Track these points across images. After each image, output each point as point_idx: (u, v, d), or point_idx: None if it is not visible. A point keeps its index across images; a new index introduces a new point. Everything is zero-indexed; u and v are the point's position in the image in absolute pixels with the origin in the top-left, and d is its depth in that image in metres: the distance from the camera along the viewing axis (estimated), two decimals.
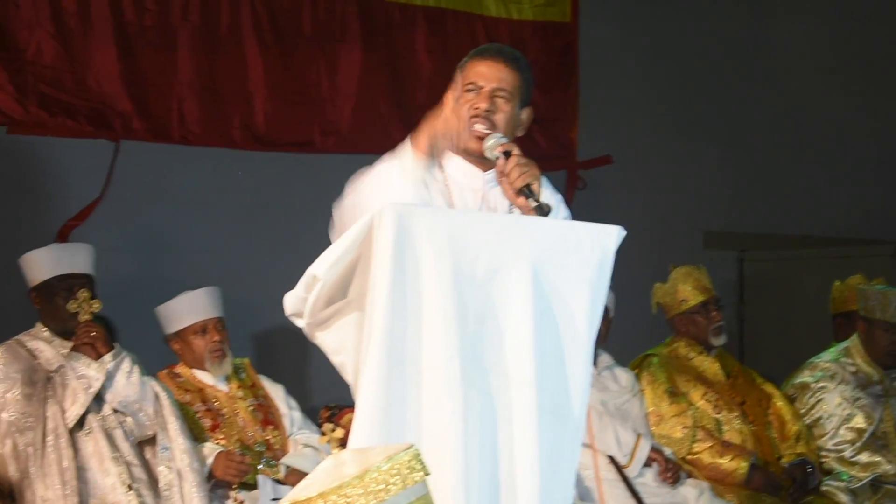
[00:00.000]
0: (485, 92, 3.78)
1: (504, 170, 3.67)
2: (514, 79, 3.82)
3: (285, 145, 7.20)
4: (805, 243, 9.11)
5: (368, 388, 3.20)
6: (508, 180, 3.65)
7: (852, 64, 9.42)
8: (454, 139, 3.78)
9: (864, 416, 6.51)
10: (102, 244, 5.80)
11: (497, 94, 3.79)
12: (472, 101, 3.79)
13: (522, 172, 3.62)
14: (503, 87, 3.79)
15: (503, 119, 3.79)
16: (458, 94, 3.82)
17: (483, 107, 3.77)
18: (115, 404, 5.19)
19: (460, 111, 3.78)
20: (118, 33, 6.70)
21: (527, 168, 3.64)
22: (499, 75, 3.80)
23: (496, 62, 3.81)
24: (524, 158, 3.67)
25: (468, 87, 3.80)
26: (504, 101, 3.80)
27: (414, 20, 7.58)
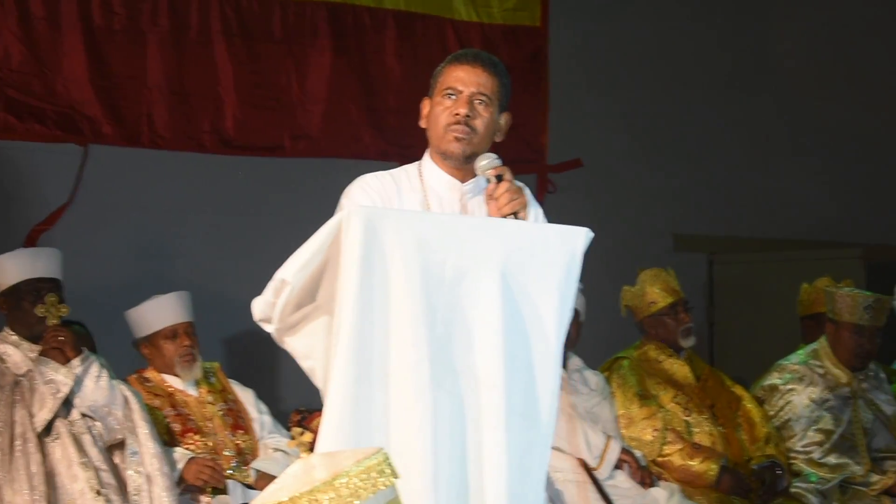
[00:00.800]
0: (464, 97, 3.76)
1: (494, 194, 3.66)
2: (493, 84, 3.80)
3: (255, 150, 7.20)
4: (774, 246, 9.15)
5: (336, 391, 3.19)
6: (497, 205, 3.64)
7: (820, 68, 9.46)
8: (436, 145, 3.78)
9: (832, 418, 6.53)
10: (71, 249, 5.79)
11: (476, 99, 3.77)
12: (450, 106, 3.77)
13: (512, 199, 3.63)
14: (482, 92, 3.77)
15: (482, 124, 3.78)
16: (437, 100, 3.81)
17: (463, 111, 3.75)
18: (84, 409, 5.16)
19: (439, 116, 3.77)
20: (87, 38, 6.68)
21: (516, 196, 3.64)
22: (477, 80, 3.78)
23: (474, 67, 3.79)
24: (515, 185, 3.68)
25: (447, 93, 3.78)
26: (483, 106, 3.78)
27: (384, 24, 7.58)
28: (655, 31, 8.85)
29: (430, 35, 7.73)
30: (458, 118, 3.75)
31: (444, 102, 3.78)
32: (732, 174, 9.16)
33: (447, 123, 3.76)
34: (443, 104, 3.78)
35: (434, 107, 3.81)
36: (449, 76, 3.81)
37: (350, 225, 3.23)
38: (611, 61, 8.67)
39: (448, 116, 3.76)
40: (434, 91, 3.84)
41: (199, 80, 7.02)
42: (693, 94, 9.00)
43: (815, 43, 9.45)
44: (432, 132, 3.82)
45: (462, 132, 3.75)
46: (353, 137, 7.45)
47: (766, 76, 9.29)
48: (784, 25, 9.36)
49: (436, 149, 3.83)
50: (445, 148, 3.78)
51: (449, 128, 3.76)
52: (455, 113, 3.75)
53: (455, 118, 3.75)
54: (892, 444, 6.67)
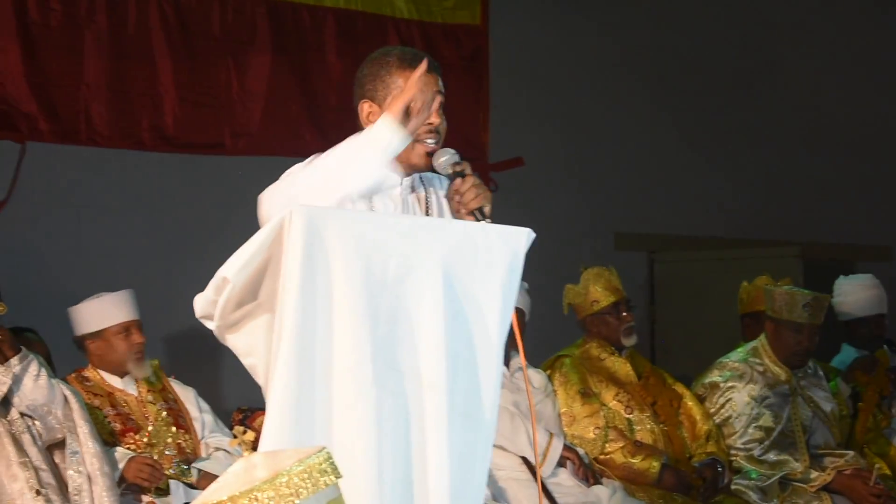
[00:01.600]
0: (435, 107, 3.71)
1: (460, 189, 3.63)
2: (443, 88, 3.77)
3: (195, 147, 7.16)
4: (713, 244, 9.22)
5: (278, 390, 3.17)
6: (462, 200, 3.62)
7: (755, 66, 9.54)
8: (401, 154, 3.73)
9: (771, 415, 6.57)
10: (9, 247, 5.73)
11: (438, 104, 3.73)
12: None
13: (478, 195, 3.61)
14: (441, 92, 3.74)
15: (444, 129, 3.78)
16: None
17: (436, 122, 3.72)
18: (23, 408, 5.10)
19: None
20: (22, 33, 6.62)
21: (481, 190, 3.62)
22: (436, 82, 3.73)
23: (431, 74, 3.71)
24: (478, 180, 3.65)
25: None
26: (442, 109, 3.77)
27: (323, 22, 7.57)
28: (594, 30, 8.90)
29: (371, 33, 7.72)
30: (430, 127, 3.72)
31: None
32: (672, 173, 9.23)
33: (420, 133, 3.68)
34: None
35: None
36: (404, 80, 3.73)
37: (292, 224, 3.20)
38: (551, 60, 8.70)
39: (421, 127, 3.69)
40: (383, 96, 3.75)
41: (137, 77, 6.98)
42: (632, 94, 9.05)
43: (745, 40, 9.53)
44: None
45: (433, 143, 3.72)
46: (294, 135, 7.43)
47: (700, 75, 9.36)
48: (711, 23, 9.43)
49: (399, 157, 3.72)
50: (416, 161, 3.73)
51: (420, 138, 3.70)
52: (430, 122, 3.71)
53: (429, 127, 3.71)
54: (830, 441, 6.73)
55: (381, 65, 3.80)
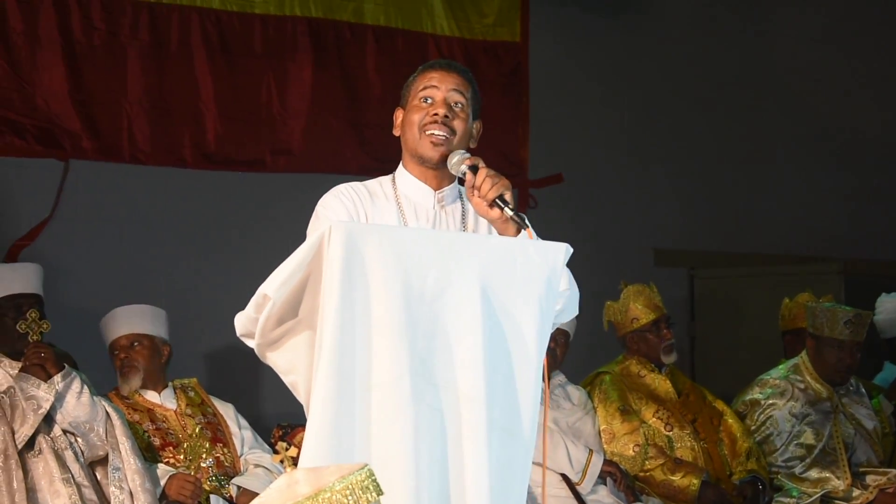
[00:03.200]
0: (440, 99, 3.76)
1: (475, 184, 3.62)
2: (467, 88, 3.80)
3: (236, 164, 7.19)
4: (754, 261, 9.18)
5: (318, 405, 3.19)
6: (480, 193, 3.60)
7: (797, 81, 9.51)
8: (411, 149, 3.78)
9: (813, 433, 6.54)
10: (52, 264, 5.77)
11: (453, 101, 3.77)
12: (426, 108, 3.76)
13: (494, 184, 3.58)
14: (460, 91, 3.77)
15: (461, 126, 3.77)
16: (412, 106, 3.79)
17: (441, 112, 3.74)
18: (66, 425, 5.14)
19: (413, 118, 3.77)
20: (67, 52, 6.67)
21: (497, 179, 3.60)
22: (454, 81, 3.78)
23: (448, 72, 3.80)
24: (492, 171, 3.63)
25: (422, 97, 3.77)
26: (461, 108, 3.78)
27: (364, 39, 7.59)
28: (636, 46, 8.88)
29: (411, 49, 7.74)
30: (435, 118, 3.74)
31: (419, 106, 3.78)
32: (713, 189, 9.20)
33: (424, 124, 3.74)
34: (419, 108, 3.78)
35: (409, 113, 3.80)
36: (422, 83, 3.80)
37: (331, 240, 3.22)
38: (591, 76, 8.70)
39: (424, 117, 3.75)
40: (407, 100, 3.84)
41: (179, 94, 7.02)
42: (674, 109, 9.03)
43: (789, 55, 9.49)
44: (408, 137, 3.81)
45: (439, 136, 3.74)
46: (334, 152, 7.45)
47: (742, 90, 9.33)
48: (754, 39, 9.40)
49: (411, 153, 3.81)
50: (422, 152, 3.77)
51: (425, 129, 3.75)
52: (433, 113, 3.75)
53: (433, 118, 3.74)
54: (873, 459, 6.69)
55: (414, 72, 3.89)
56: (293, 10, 7.35)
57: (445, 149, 3.76)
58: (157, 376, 5.75)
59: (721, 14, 9.33)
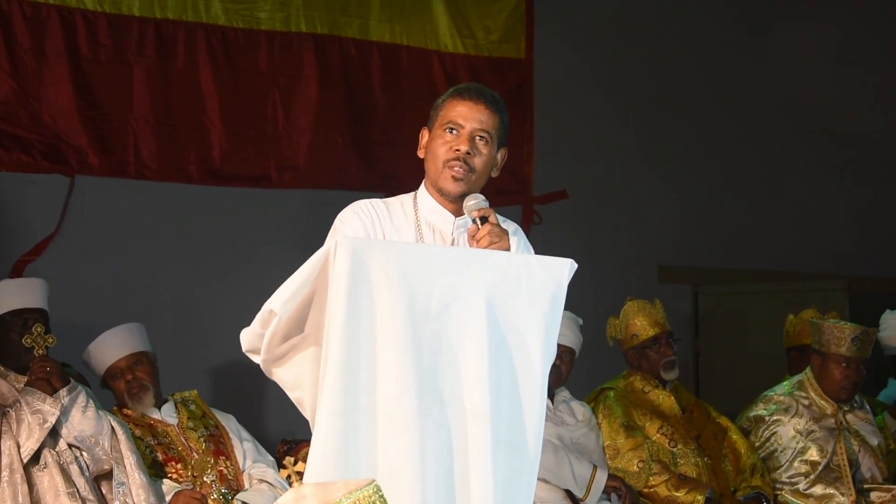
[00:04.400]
0: (465, 133, 3.77)
1: (476, 236, 3.66)
2: (494, 121, 3.81)
3: (241, 180, 7.19)
4: (759, 278, 9.18)
5: (324, 421, 3.20)
6: (478, 247, 3.64)
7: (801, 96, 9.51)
8: (433, 178, 3.79)
9: (817, 449, 6.54)
10: (57, 279, 5.78)
11: (477, 136, 3.78)
12: (451, 141, 3.77)
13: (492, 243, 3.62)
14: (484, 129, 3.78)
15: (481, 163, 3.79)
16: (437, 133, 3.80)
17: (464, 149, 3.75)
18: (71, 439, 5.14)
19: (438, 150, 3.78)
20: (73, 69, 6.69)
21: (497, 239, 3.63)
22: (480, 116, 3.78)
23: (477, 104, 3.79)
24: (497, 228, 3.66)
25: (448, 127, 3.78)
26: (484, 143, 3.79)
27: (369, 55, 7.60)
28: (638, 63, 8.90)
29: (415, 67, 7.75)
30: (458, 154, 3.76)
31: (444, 136, 3.78)
32: (717, 206, 9.20)
33: (447, 159, 3.76)
34: (443, 138, 3.78)
35: (434, 139, 3.81)
36: (451, 110, 3.80)
37: (337, 256, 3.24)
38: (595, 93, 8.71)
39: (448, 151, 3.76)
40: (434, 123, 3.84)
41: (184, 110, 7.02)
42: (678, 126, 9.04)
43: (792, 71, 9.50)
44: (431, 165, 3.82)
45: (460, 172, 3.76)
46: (339, 168, 7.46)
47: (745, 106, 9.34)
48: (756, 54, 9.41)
49: (432, 182, 3.83)
50: (443, 185, 3.79)
51: (447, 164, 3.77)
52: (456, 149, 3.76)
53: (455, 153, 3.76)
54: (877, 476, 6.68)
55: (445, 95, 3.89)
56: (299, 27, 7.36)
57: (465, 185, 3.79)
58: (157, 391, 5.75)
59: (728, 30, 9.34)
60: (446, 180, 3.78)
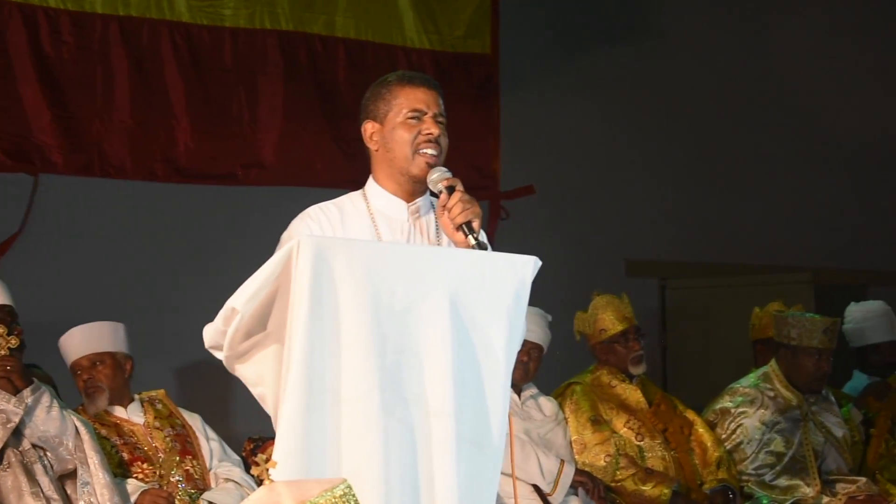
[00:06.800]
0: (429, 118, 3.78)
1: (447, 205, 3.66)
2: (443, 108, 3.84)
3: (207, 178, 7.18)
4: (725, 271, 9.22)
5: (287, 420, 3.20)
6: (450, 215, 3.64)
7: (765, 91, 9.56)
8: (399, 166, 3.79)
9: (783, 441, 6.57)
10: (22, 279, 5.76)
11: (438, 118, 3.80)
12: (418, 127, 3.77)
13: (465, 209, 3.62)
14: (441, 113, 3.81)
15: (445, 145, 3.82)
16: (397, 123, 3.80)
17: (436, 132, 3.77)
18: (35, 439, 5.11)
19: (404, 138, 3.78)
20: (36, 66, 6.66)
21: (469, 205, 3.64)
22: (436, 101, 3.81)
23: (430, 89, 3.82)
24: (467, 195, 3.67)
25: (411, 115, 3.77)
26: (443, 126, 3.82)
27: (335, 51, 7.59)
28: (606, 58, 8.92)
29: (381, 62, 7.75)
30: (430, 136, 3.76)
31: (407, 124, 3.78)
32: (684, 200, 9.24)
33: (419, 143, 3.77)
34: (406, 126, 3.78)
35: (395, 129, 3.79)
36: (407, 98, 3.80)
37: (300, 254, 3.23)
38: (562, 88, 8.72)
39: (418, 136, 3.77)
40: (383, 113, 3.82)
41: (150, 108, 7.01)
42: (645, 120, 9.07)
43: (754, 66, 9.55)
44: (395, 154, 3.80)
45: (434, 157, 3.77)
46: (305, 165, 7.45)
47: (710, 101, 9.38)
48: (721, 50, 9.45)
49: (397, 170, 3.81)
50: (415, 172, 3.78)
51: (419, 148, 3.77)
52: (428, 132, 3.77)
53: (428, 136, 3.76)
54: (842, 467, 6.72)
55: (381, 85, 3.88)
56: (263, 24, 7.35)
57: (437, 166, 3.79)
58: (122, 392, 5.71)
59: (698, 23, 9.38)
60: (419, 167, 3.78)
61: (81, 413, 5.51)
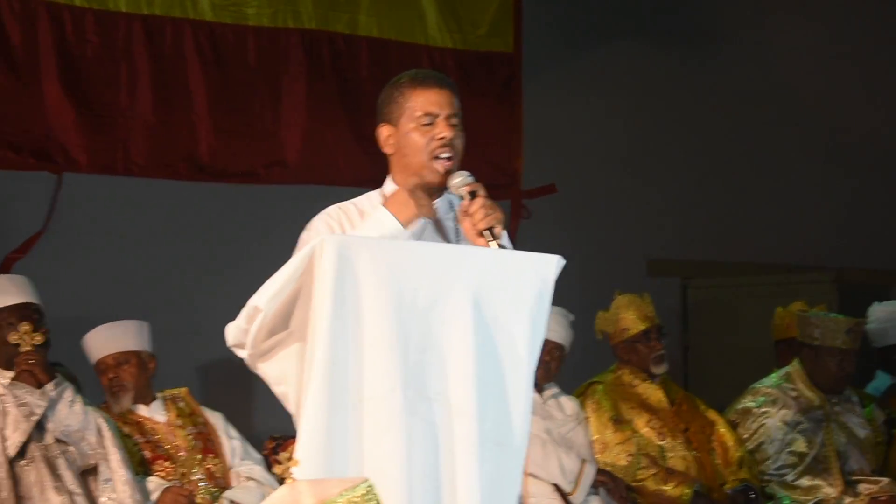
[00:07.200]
0: (442, 120, 3.73)
1: (469, 210, 3.62)
2: (458, 105, 3.79)
3: (230, 176, 7.19)
4: (747, 270, 9.19)
5: (310, 418, 3.20)
6: (472, 220, 3.60)
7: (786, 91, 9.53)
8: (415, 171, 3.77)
9: (805, 441, 6.56)
10: (45, 277, 5.77)
11: (452, 122, 3.75)
12: (431, 131, 3.73)
13: (487, 214, 3.59)
14: (455, 114, 3.76)
15: (461, 144, 3.76)
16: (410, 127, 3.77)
17: (448, 136, 3.71)
18: (58, 433, 5.13)
19: (418, 143, 3.75)
20: (61, 65, 6.67)
21: (491, 211, 3.60)
22: (449, 102, 3.75)
23: (442, 88, 3.76)
24: (489, 200, 3.63)
25: (423, 119, 3.72)
26: (457, 128, 3.76)
27: (358, 50, 7.59)
28: (626, 57, 8.91)
29: (404, 61, 7.74)
30: (443, 141, 3.72)
31: (420, 129, 3.73)
32: (706, 199, 9.22)
33: (433, 149, 3.72)
34: (419, 131, 3.73)
35: (409, 133, 3.75)
36: (419, 101, 3.75)
37: (323, 253, 3.24)
38: (584, 87, 8.72)
39: (432, 142, 3.72)
40: (396, 117, 3.78)
41: (173, 107, 7.01)
42: (666, 119, 9.05)
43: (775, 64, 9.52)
44: (410, 160, 3.76)
45: (449, 163, 3.72)
46: (328, 164, 7.45)
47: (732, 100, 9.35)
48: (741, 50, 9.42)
49: (414, 174, 3.77)
50: (431, 178, 3.74)
51: (434, 154, 3.72)
52: (441, 137, 3.72)
53: (441, 141, 3.71)
54: (865, 468, 6.70)
55: (394, 87, 3.83)
56: (286, 22, 7.36)
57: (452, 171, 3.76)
58: (145, 390, 5.73)
59: (714, 25, 9.35)
60: (435, 173, 3.74)
61: (104, 411, 5.53)
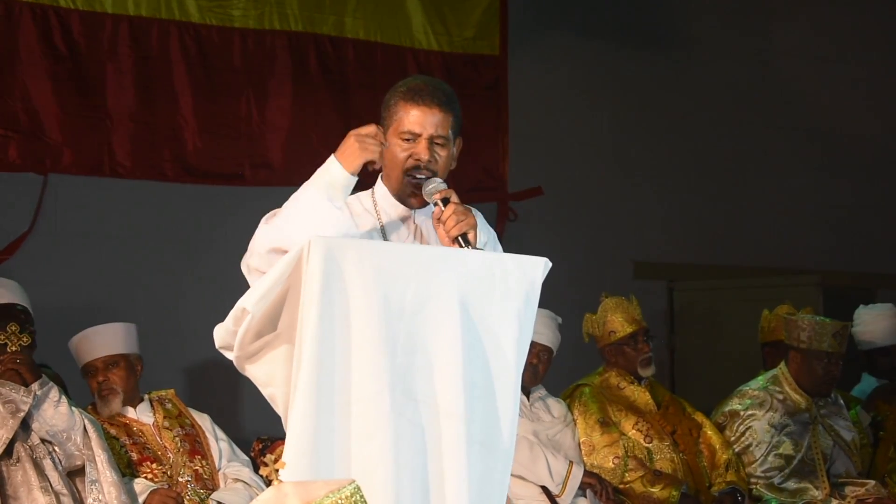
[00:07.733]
0: (423, 141, 3.72)
1: (441, 217, 3.62)
2: (448, 121, 3.75)
3: (215, 177, 7.18)
4: (734, 273, 9.20)
5: (298, 420, 3.20)
6: (445, 228, 3.61)
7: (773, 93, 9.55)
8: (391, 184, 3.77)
9: (791, 443, 6.56)
10: (31, 278, 5.76)
11: (436, 142, 3.73)
12: (409, 149, 3.72)
13: (459, 221, 3.58)
14: (440, 134, 3.73)
15: (442, 165, 3.74)
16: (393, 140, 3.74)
17: (425, 158, 3.70)
18: (43, 433, 5.12)
19: (397, 157, 3.74)
20: (47, 65, 6.67)
21: (463, 217, 3.59)
22: (434, 121, 3.72)
23: (430, 108, 3.72)
24: (461, 207, 3.62)
25: (404, 136, 3.72)
26: (441, 147, 3.73)
27: (344, 53, 7.59)
28: (615, 61, 8.91)
29: (391, 63, 7.75)
30: (418, 163, 3.71)
31: (401, 144, 3.73)
32: (692, 202, 9.23)
33: (407, 168, 3.72)
34: (400, 145, 3.73)
35: (392, 145, 3.74)
36: (405, 116, 3.73)
37: (311, 255, 3.23)
38: (570, 89, 8.72)
39: (408, 160, 3.72)
40: (388, 125, 3.77)
41: (159, 108, 7.01)
42: (653, 122, 9.06)
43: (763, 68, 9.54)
44: (390, 170, 3.78)
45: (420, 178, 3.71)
46: (314, 166, 7.40)
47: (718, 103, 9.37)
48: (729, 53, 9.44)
49: (392, 188, 3.80)
50: (404, 195, 3.77)
51: (409, 173, 3.72)
52: (416, 158, 3.72)
53: (416, 163, 3.71)
54: (851, 470, 6.71)
55: (393, 93, 3.83)
56: (272, 24, 7.36)
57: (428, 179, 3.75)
58: (133, 393, 5.72)
59: (703, 28, 9.36)
60: (407, 186, 3.75)
61: (91, 413, 5.51)
